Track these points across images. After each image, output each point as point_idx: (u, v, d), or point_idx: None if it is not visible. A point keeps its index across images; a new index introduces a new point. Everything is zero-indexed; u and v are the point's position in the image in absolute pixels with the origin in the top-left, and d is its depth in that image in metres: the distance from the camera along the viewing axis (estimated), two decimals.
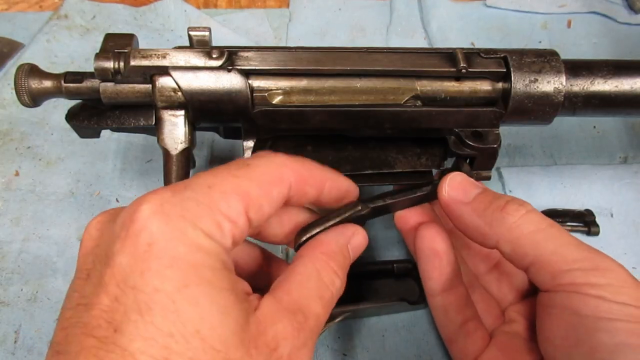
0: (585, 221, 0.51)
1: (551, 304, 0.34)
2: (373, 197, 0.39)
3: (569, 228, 0.51)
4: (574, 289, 0.32)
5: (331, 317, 0.43)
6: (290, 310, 0.29)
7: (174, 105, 0.38)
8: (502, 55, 0.40)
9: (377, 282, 0.47)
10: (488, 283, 0.43)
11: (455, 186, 0.38)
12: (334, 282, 0.32)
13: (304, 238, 0.35)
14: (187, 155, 0.39)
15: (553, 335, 0.34)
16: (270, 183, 0.30)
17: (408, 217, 0.42)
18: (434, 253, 0.39)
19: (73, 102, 0.41)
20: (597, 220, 0.51)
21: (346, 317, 0.44)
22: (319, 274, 0.32)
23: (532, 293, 0.41)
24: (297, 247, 0.35)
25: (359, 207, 0.37)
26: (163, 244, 0.25)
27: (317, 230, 0.35)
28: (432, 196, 0.39)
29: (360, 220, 0.37)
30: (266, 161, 0.31)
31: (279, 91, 0.39)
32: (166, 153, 0.39)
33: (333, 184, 0.34)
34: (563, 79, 0.39)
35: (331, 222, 0.36)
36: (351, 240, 0.36)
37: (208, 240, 0.26)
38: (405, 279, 0.48)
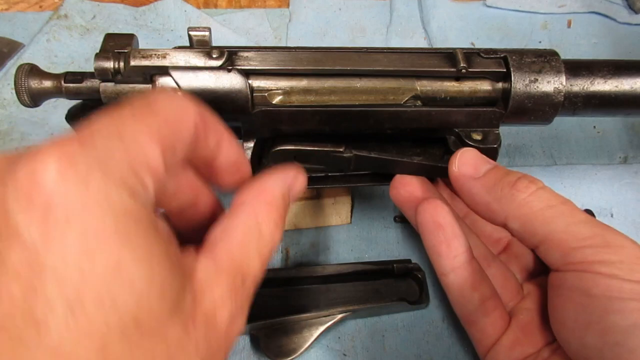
0: None
1: (562, 285, 0.33)
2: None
3: None
4: (584, 267, 0.31)
5: (330, 318, 0.43)
6: (229, 272, 0.26)
7: None
8: (502, 55, 0.40)
9: (377, 282, 0.47)
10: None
11: (466, 161, 0.37)
12: (274, 236, 0.29)
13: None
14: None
15: (564, 317, 0.33)
16: (178, 121, 0.26)
17: (408, 187, 0.40)
18: (438, 226, 0.38)
19: (73, 102, 0.41)
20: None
21: (346, 317, 0.44)
22: (260, 227, 0.29)
23: (542, 273, 0.41)
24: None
25: (342, 148, 0.36)
26: (84, 218, 0.20)
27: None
28: (437, 171, 0.40)
29: (339, 166, 0.36)
30: (167, 97, 0.26)
31: (279, 91, 0.39)
32: None
33: (230, 144, 0.30)
34: (563, 79, 0.39)
35: (308, 148, 0.35)
36: (294, 185, 0.32)
37: (133, 202, 0.22)
38: (405, 279, 0.48)
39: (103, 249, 0.20)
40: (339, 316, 0.44)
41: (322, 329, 0.43)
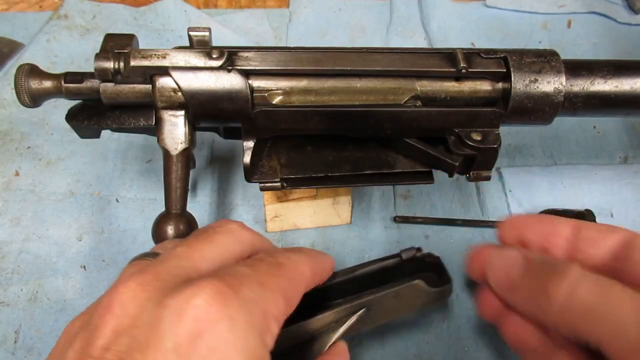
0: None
1: None
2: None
3: None
4: None
5: (345, 320, 0.39)
6: None
7: (174, 106, 0.38)
8: (502, 56, 0.40)
9: (387, 274, 0.43)
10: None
11: (496, 273, 0.33)
12: None
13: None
14: (187, 156, 0.39)
15: None
16: (300, 281, 0.30)
17: (488, 305, 0.37)
18: (531, 350, 0.35)
19: (73, 102, 0.41)
20: (597, 220, 0.51)
21: (363, 325, 0.40)
22: None
23: None
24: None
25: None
26: (226, 354, 0.23)
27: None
28: (438, 163, 0.40)
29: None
30: (290, 259, 0.31)
31: (279, 91, 0.39)
32: (166, 153, 0.39)
33: (327, 267, 0.35)
34: (563, 79, 0.39)
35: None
36: None
37: (263, 350, 0.25)
38: (420, 268, 0.43)
39: None
40: (354, 318, 0.39)
41: (338, 334, 0.39)
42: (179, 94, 0.37)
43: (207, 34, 0.37)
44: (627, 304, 0.27)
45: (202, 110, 0.38)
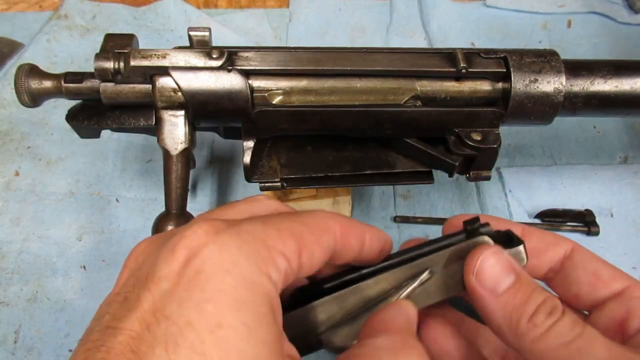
0: (585, 221, 0.51)
1: None
2: None
3: (569, 228, 0.51)
4: None
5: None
6: None
7: (174, 106, 0.38)
8: (502, 56, 0.40)
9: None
10: None
11: (486, 273, 0.32)
12: None
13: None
14: (187, 155, 0.39)
15: None
16: (321, 230, 0.29)
17: None
18: (445, 353, 0.35)
19: (73, 102, 0.41)
20: (597, 220, 0.51)
21: (419, 296, 0.34)
22: None
23: None
24: None
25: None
26: (211, 274, 0.24)
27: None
28: (437, 162, 0.38)
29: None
30: (312, 212, 0.30)
31: (279, 91, 0.39)
32: (166, 153, 0.39)
33: (373, 236, 0.32)
34: (563, 79, 0.39)
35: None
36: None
37: (261, 277, 0.24)
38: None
39: (212, 304, 0.23)
40: (416, 283, 0.33)
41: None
42: (179, 94, 0.37)
43: (207, 34, 0.37)
44: (601, 348, 0.29)
45: (202, 110, 0.38)
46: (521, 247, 0.34)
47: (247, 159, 0.40)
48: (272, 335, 0.24)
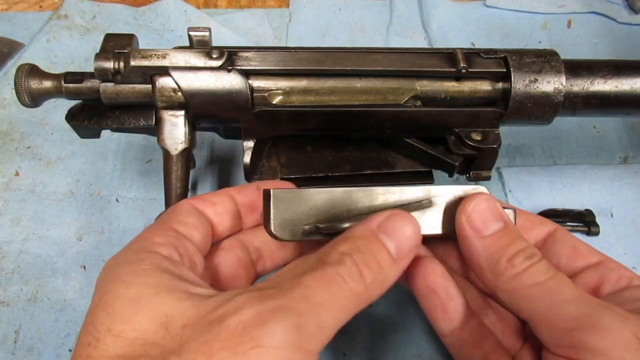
0: (585, 221, 0.51)
1: None
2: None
3: (569, 228, 0.51)
4: (571, 353, 0.29)
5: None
6: None
7: (174, 106, 0.38)
8: (502, 56, 0.40)
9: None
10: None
11: (477, 214, 0.34)
12: None
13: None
14: (187, 155, 0.39)
15: None
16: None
17: None
18: (431, 291, 0.36)
19: (73, 102, 0.41)
20: (597, 220, 0.51)
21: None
22: None
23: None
24: None
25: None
26: None
27: None
28: (437, 162, 0.38)
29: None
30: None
31: (279, 91, 0.39)
32: (166, 153, 0.39)
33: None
34: (563, 79, 0.39)
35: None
36: None
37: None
38: None
39: None
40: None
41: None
42: (179, 94, 0.37)
43: (207, 34, 0.37)
44: (570, 290, 0.31)
45: (202, 110, 0.38)
46: (511, 212, 0.36)
47: (247, 159, 0.40)
48: None
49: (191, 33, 0.37)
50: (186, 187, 0.40)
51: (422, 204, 0.35)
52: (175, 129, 0.38)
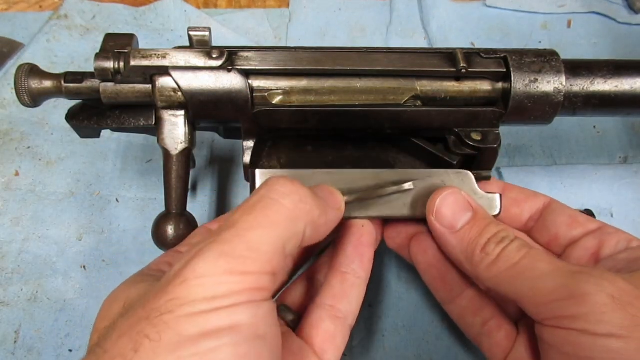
0: None
1: (543, 340, 0.32)
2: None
3: None
4: (556, 323, 0.30)
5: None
6: None
7: (174, 105, 0.38)
8: (502, 56, 0.40)
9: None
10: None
11: (444, 211, 0.35)
12: None
13: None
14: (187, 155, 0.39)
15: None
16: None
17: (394, 235, 0.41)
18: (430, 265, 0.39)
19: (73, 102, 0.41)
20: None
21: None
22: None
23: None
24: None
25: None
26: None
27: None
28: (437, 161, 0.40)
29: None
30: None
31: (279, 91, 0.39)
32: (166, 153, 0.39)
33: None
34: (563, 79, 0.39)
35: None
36: None
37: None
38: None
39: None
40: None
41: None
42: (179, 93, 0.37)
43: (207, 34, 0.37)
44: (544, 264, 0.32)
45: (202, 110, 0.38)
46: (497, 196, 0.38)
47: (247, 159, 0.40)
48: None
49: (191, 33, 0.37)
50: (186, 187, 0.40)
51: (403, 188, 0.37)
52: (175, 128, 0.38)
